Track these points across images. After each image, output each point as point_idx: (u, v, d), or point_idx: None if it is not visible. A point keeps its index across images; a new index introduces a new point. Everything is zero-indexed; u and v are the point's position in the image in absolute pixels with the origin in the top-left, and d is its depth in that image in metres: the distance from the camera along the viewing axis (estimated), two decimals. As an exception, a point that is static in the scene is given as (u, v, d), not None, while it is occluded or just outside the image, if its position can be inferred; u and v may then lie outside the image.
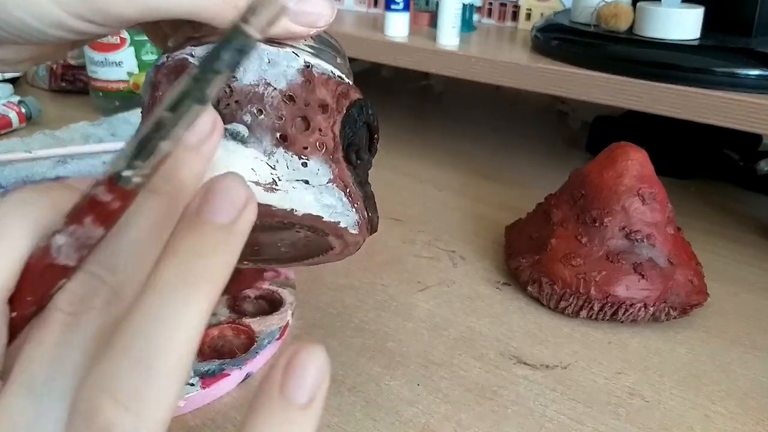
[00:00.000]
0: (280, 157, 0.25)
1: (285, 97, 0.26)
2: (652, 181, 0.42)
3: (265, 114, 0.26)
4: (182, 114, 0.16)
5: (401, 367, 0.37)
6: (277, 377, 0.16)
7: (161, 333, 0.14)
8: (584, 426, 0.34)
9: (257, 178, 0.25)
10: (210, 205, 0.16)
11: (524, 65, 0.55)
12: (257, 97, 0.26)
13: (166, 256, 0.15)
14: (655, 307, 0.40)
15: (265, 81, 0.26)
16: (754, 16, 0.53)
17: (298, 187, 0.25)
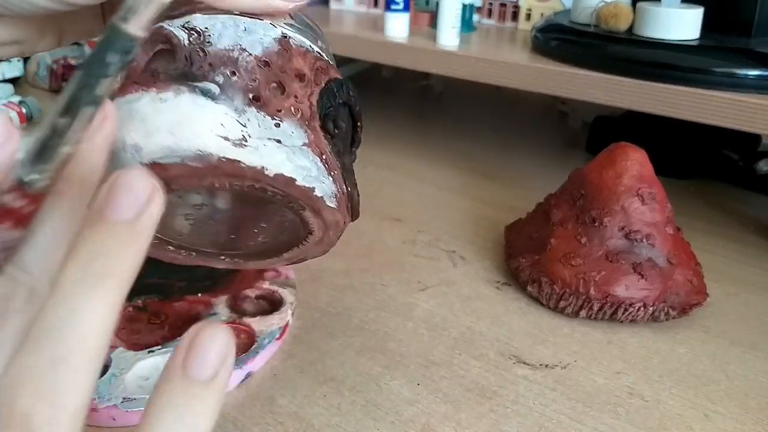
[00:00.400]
0: (252, 116, 0.25)
1: (260, 62, 0.26)
2: (652, 181, 0.42)
3: (239, 76, 0.25)
4: (76, 118, 0.16)
5: (401, 367, 0.37)
6: (179, 356, 0.17)
7: (70, 328, 0.15)
8: (584, 425, 0.34)
9: (226, 133, 0.24)
10: (112, 203, 0.16)
11: (524, 65, 0.55)
12: (231, 60, 0.25)
13: (69, 255, 0.16)
14: (655, 307, 0.41)
15: (240, 47, 0.26)
16: (753, 17, 0.53)
17: (269, 145, 0.25)
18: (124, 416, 0.31)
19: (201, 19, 0.26)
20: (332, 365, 0.37)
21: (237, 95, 0.25)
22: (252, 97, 0.25)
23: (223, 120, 0.24)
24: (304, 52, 0.27)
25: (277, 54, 0.26)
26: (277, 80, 0.26)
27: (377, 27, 0.70)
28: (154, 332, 0.37)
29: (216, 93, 0.25)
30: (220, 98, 0.24)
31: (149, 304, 0.39)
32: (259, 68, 0.26)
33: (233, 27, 0.26)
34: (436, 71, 0.61)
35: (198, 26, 0.26)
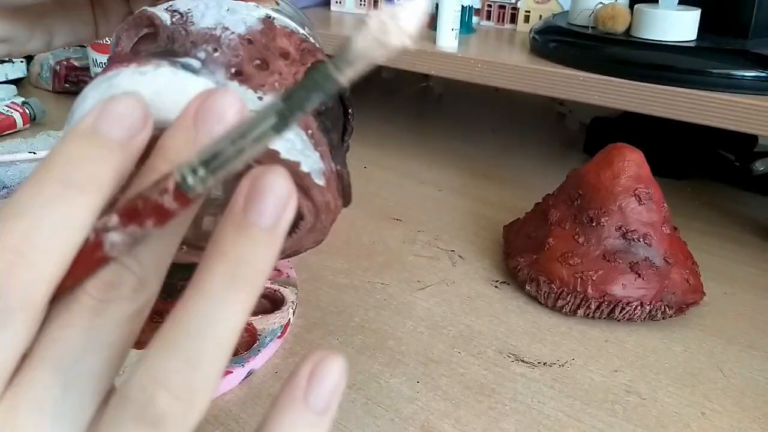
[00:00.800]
0: (235, 89, 0.24)
1: (243, 39, 0.26)
2: (649, 181, 0.43)
3: (221, 52, 0.25)
4: (258, 140, 0.16)
5: (401, 365, 0.38)
6: (301, 383, 0.18)
7: (210, 332, 0.16)
8: (581, 423, 0.34)
9: None
10: (256, 206, 0.16)
11: (523, 67, 0.56)
12: (214, 38, 0.25)
13: (215, 258, 0.16)
14: (652, 305, 0.41)
15: (223, 25, 0.26)
16: (750, 18, 0.53)
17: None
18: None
19: (184, 1, 0.26)
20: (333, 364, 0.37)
21: (219, 69, 0.25)
22: (234, 71, 0.25)
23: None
24: (289, 32, 0.27)
25: (261, 32, 0.26)
26: (261, 57, 0.26)
27: (377, 29, 0.70)
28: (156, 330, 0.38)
29: (197, 67, 0.24)
30: (201, 72, 0.24)
31: (151, 303, 0.39)
32: (243, 45, 0.26)
33: (216, 8, 0.26)
34: (435, 73, 0.61)
35: (180, 8, 0.26)
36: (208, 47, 0.25)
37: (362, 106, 0.30)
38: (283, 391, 0.18)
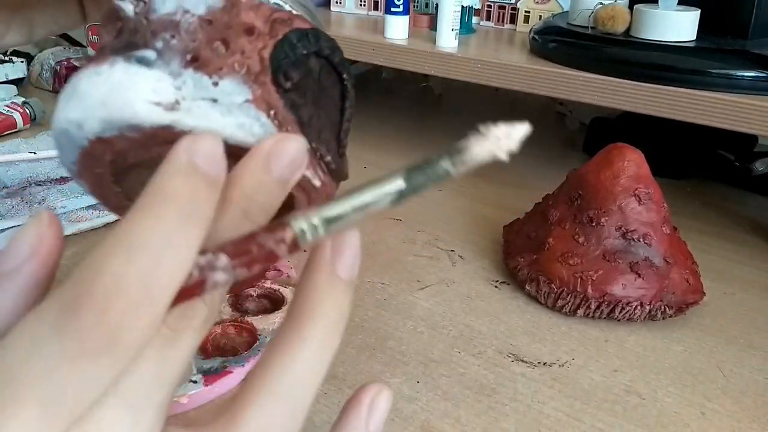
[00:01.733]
0: (188, 78, 0.24)
1: (203, 21, 0.25)
2: (648, 181, 0.43)
3: (178, 38, 0.24)
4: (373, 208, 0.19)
5: (401, 365, 0.38)
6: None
7: (314, 381, 0.19)
8: (581, 423, 0.34)
9: (158, 99, 0.23)
10: (343, 262, 0.19)
11: (522, 67, 0.56)
12: (173, 24, 0.25)
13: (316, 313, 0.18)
14: (652, 305, 0.41)
15: (183, 9, 0.25)
16: (750, 19, 0.54)
17: (202, 105, 0.24)
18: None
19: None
20: (333, 363, 0.37)
21: (174, 58, 0.24)
22: (190, 58, 0.24)
23: (156, 86, 0.23)
24: (256, 5, 0.26)
25: (222, 10, 0.25)
26: (221, 37, 0.25)
27: (377, 29, 0.70)
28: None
29: (152, 59, 0.24)
30: (156, 64, 0.24)
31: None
32: (201, 28, 0.25)
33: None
34: (435, 73, 0.61)
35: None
36: (166, 34, 0.24)
37: (362, 106, 0.30)
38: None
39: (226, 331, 0.38)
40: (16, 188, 0.54)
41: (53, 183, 0.55)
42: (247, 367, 0.35)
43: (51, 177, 0.56)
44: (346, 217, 0.18)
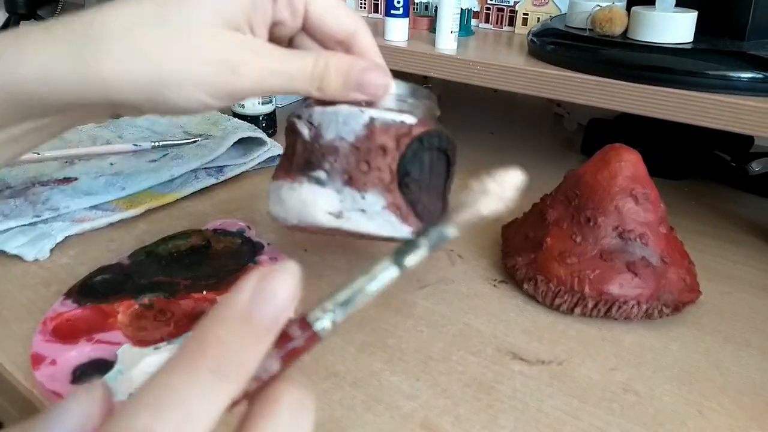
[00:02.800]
0: (347, 194, 0.35)
1: (353, 147, 0.35)
2: (645, 181, 0.43)
3: (338, 162, 0.35)
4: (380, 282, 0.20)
5: (401, 363, 0.38)
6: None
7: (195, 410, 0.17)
8: (579, 420, 0.34)
9: (330, 210, 0.35)
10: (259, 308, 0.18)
11: (521, 69, 0.56)
12: (334, 149, 0.35)
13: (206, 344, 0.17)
14: (648, 304, 0.41)
15: (340, 137, 0.35)
16: (747, 20, 0.54)
17: (356, 215, 0.35)
18: (132, 411, 0.32)
19: (317, 114, 0.35)
20: (333, 361, 0.38)
21: (337, 178, 0.35)
22: (347, 179, 0.35)
23: (328, 200, 0.35)
24: (386, 128, 0.35)
25: (365, 137, 0.35)
26: (365, 159, 0.35)
27: (377, 31, 0.71)
28: (160, 329, 0.38)
29: (324, 179, 0.35)
30: (327, 183, 0.35)
31: (156, 301, 0.40)
32: (352, 153, 0.35)
33: (335, 121, 0.35)
34: (435, 75, 0.62)
35: (315, 120, 0.36)
36: (331, 158, 0.35)
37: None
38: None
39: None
40: (20, 188, 0.54)
41: (57, 183, 0.55)
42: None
43: (55, 177, 0.56)
44: (352, 298, 0.20)
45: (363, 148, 0.35)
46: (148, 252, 0.44)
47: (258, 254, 0.46)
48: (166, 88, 0.30)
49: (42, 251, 0.46)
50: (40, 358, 0.35)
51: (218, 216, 0.54)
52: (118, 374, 0.34)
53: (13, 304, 0.42)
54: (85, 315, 0.39)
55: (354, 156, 0.35)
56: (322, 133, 0.36)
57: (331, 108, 0.35)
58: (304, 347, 0.19)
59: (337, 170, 0.35)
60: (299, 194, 0.36)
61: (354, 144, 0.35)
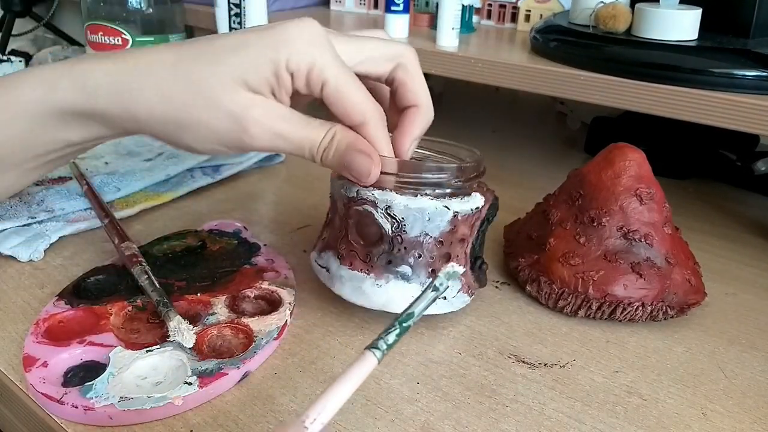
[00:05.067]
0: (425, 280, 0.38)
1: (437, 242, 0.37)
2: (650, 181, 0.42)
3: (423, 256, 0.37)
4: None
5: (401, 366, 0.37)
6: None
7: None
8: (582, 424, 0.34)
9: None
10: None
11: (523, 66, 0.56)
12: (418, 244, 0.37)
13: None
14: (653, 306, 0.41)
15: (425, 233, 0.37)
16: (751, 18, 0.53)
17: (439, 302, 0.37)
18: (122, 415, 0.31)
19: (399, 208, 0.36)
20: (333, 364, 0.37)
21: (422, 272, 0.38)
22: (430, 271, 0.38)
23: (415, 294, 0.35)
24: (466, 218, 0.38)
25: (449, 233, 0.37)
26: (447, 251, 0.38)
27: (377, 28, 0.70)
28: (153, 332, 0.37)
29: (409, 275, 0.37)
30: (412, 278, 0.38)
31: (149, 304, 0.39)
32: (436, 247, 0.37)
33: (421, 218, 0.37)
34: (435, 72, 0.61)
35: (397, 215, 0.36)
36: (415, 252, 0.37)
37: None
38: None
39: (222, 333, 0.38)
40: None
41: (51, 183, 0.55)
42: (243, 368, 0.35)
43: (49, 177, 0.56)
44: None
45: (446, 242, 0.38)
46: (142, 253, 0.43)
47: (254, 255, 0.46)
48: (184, 132, 0.33)
49: (36, 252, 0.46)
50: (32, 360, 0.34)
51: (214, 216, 0.54)
52: (109, 377, 0.33)
53: (8, 305, 0.41)
54: (77, 316, 0.38)
55: (437, 249, 0.37)
56: (407, 229, 0.37)
57: (413, 203, 0.36)
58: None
59: (422, 264, 0.37)
60: (385, 291, 0.38)
61: (438, 239, 0.37)
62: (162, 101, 0.33)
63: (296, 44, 0.33)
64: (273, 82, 0.33)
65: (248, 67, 0.33)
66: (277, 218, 0.55)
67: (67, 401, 0.32)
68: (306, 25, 0.33)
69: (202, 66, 0.33)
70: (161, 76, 0.33)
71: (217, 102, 0.32)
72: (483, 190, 0.40)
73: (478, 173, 0.39)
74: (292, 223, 0.54)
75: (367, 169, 0.34)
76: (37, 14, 1.26)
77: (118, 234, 0.45)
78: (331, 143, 0.34)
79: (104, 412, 0.31)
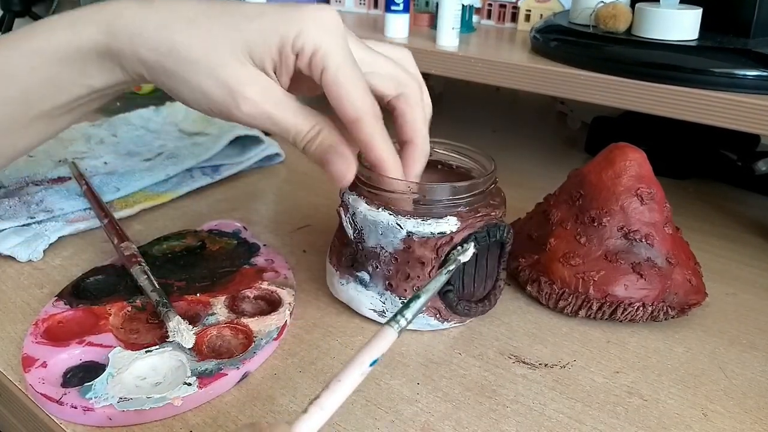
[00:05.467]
0: (388, 298, 0.39)
1: (393, 257, 0.38)
2: (651, 181, 0.42)
3: (380, 268, 0.38)
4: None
5: (401, 366, 0.37)
6: None
7: None
8: (583, 425, 0.34)
9: (374, 308, 0.39)
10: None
11: (523, 66, 0.55)
12: (375, 255, 0.38)
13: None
14: (654, 306, 0.41)
15: (380, 245, 0.38)
16: (752, 17, 0.53)
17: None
18: (121, 416, 0.31)
19: (360, 217, 0.38)
20: (333, 364, 0.37)
21: (379, 282, 0.39)
22: (387, 284, 0.38)
23: (372, 301, 0.39)
24: (425, 241, 0.37)
25: (403, 251, 0.37)
26: (403, 269, 0.38)
27: (377, 28, 0.70)
28: (152, 332, 0.37)
29: (367, 281, 0.39)
30: (369, 285, 0.39)
31: (148, 304, 0.39)
32: (392, 262, 0.38)
33: (375, 231, 0.37)
34: (435, 72, 0.61)
35: (358, 223, 0.38)
36: (373, 262, 0.38)
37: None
38: None
39: (221, 333, 0.38)
40: (14, 188, 0.54)
41: (50, 183, 0.55)
42: (242, 369, 0.35)
43: (48, 177, 0.56)
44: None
45: (402, 260, 0.37)
46: (142, 253, 0.43)
47: (254, 256, 0.46)
48: (183, 87, 0.34)
49: (35, 252, 0.46)
50: (31, 361, 0.34)
51: (214, 216, 0.54)
52: (108, 377, 0.33)
53: (7, 306, 0.41)
54: (76, 317, 0.38)
55: (394, 265, 0.38)
56: (364, 237, 0.38)
57: (372, 214, 0.37)
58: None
59: (379, 275, 0.38)
60: (347, 290, 0.40)
61: (393, 254, 0.38)
62: (170, 53, 0.33)
63: (309, 25, 0.33)
64: (276, 59, 0.33)
65: (257, 37, 0.33)
66: (276, 218, 0.55)
67: (66, 402, 0.31)
68: (325, 12, 0.34)
69: (217, 28, 0.33)
70: (175, 28, 0.33)
71: (217, 70, 0.33)
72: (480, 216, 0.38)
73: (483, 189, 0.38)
74: (292, 223, 0.54)
75: (342, 173, 0.34)
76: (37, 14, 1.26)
77: (118, 234, 0.45)
78: (316, 137, 0.34)
79: (103, 413, 0.31)
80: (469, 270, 0.39)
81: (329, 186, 0.41)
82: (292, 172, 0.65)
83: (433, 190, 0.37)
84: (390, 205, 0.37)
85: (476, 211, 0.38)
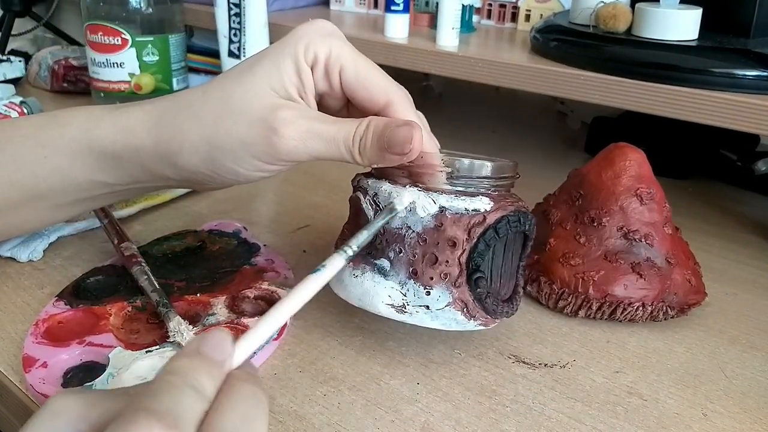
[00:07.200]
0: (411, 287, 0.34)
1: (420, 238, 0.34)
2: (650, 181, 0.42)
3: (404, 252, 0.34)
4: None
5: (401, 366, 0.37)
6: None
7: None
8: (583, 424, 0.34)
9: (392, 302, 0.34)
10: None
11: (523, 66, 0.56)
12: (400, 238, 0.34)
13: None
14: (653, 306, 0.41)
15: (407, 225, 0.34)
16: (752, 17, 0.53)
17: (420, 311, 0.34)
18: (124, 415, 0.31)
19: (383, 194, 0.35)
20: (332, 364, 0.37)
21: (402, 269, 0.34)
22: (411, 271, 0.34)
23: (391, 293, 0.34)
24: (458, 218, 0.34)
25: (434, 229, 0.34)
26: (432, 252, 0.34)
27: (377, 28, 0.70)
28: (152, 332, 0.37)
29: (387, 269, 0.35)
30: (390, 274, 0.35)
31: (148, 304, 0.39)
32: (419, 244, 0.34)
33: (402, 210, 0.34)
34: (435, 72, 0.61)
35: (381, 203, 0.35)
36: (396, 246, 0.34)
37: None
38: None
39: (223, 333, 0.38)
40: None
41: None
42: (245, 368, 0.35)
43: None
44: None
45: (431, 240, 0.34)
46: (142, 253, 0.43)
47: (254, 256, 0.46)
48: (220, 152, 0.33)
49: (35, 252, 0.46)
50: (32, 361, 0.34)
51: (214, 216, 0.54)
52: (109, 377, 0.33)
53: (7, 306, 0.41)
54: (77, 317, 0.38)
55: (420, 248, 0.34)
56: (390, 221, 0.34)
57: (397, 190, 0.34)
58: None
59: (402, 261, 0.34)
60: (361, 282, 0.35)
61: (421, 234, 0.34)
62: (194, 121, 0.34)
63: (312, 37, 0.34)
64: (296, 81, 0.34)
65: (272, 70, 0.33)
66: (277, 218, 0.55)
67: (66, 402, 0.31)
68: (318, 22, 0.34)
69: (229, 82, 0.34)
70: (190, 100, 0.34)
71: (246, 110, 0.33)
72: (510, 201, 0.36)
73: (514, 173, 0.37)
74: (292, 223, 0.54)
75: (408, 135, 0.32)
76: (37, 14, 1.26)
77: (118, 234, 0.45)
78: (367, 130, 0.33)
79: (104, 413, 0.31)
80: (496, 261, 0.36)
81: (329, 186, 0.41)
82: (292, 172, 0.65)
83: (465, 165, 0.35)
84: (419, 182, 0.34)
85: (506, 197, 0.36)
